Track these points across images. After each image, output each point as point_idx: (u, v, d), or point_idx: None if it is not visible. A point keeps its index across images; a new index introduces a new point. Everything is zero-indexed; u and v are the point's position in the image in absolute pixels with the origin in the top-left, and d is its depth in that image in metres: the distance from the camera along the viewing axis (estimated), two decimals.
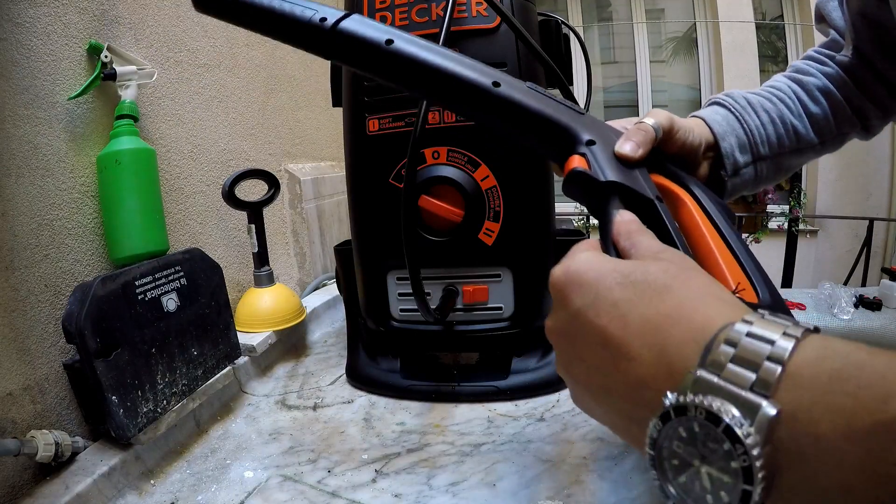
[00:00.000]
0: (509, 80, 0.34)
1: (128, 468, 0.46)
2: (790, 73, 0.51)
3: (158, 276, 0.51)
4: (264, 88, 0.86)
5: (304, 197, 0.93)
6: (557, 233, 0.60)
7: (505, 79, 0.34)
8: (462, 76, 0.33)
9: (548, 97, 0.34)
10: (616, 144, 0.33)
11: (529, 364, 0.60)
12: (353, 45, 0.34)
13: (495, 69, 0.35)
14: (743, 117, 0.46)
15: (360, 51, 0.34)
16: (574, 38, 0.65)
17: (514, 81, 0.34)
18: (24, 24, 0.46)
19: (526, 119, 0.33)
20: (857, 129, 0.49)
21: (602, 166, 0.32)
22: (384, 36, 0.33)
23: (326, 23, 0.34)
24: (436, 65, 0.33)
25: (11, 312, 0.43)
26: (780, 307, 0.30)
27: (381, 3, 0.53)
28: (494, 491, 0.43)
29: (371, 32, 0.34)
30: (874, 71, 0.46)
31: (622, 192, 0.31)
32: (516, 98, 0.33)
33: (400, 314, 0.58)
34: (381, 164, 0.54)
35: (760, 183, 0.48)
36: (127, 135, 0.52)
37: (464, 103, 0.35)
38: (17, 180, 0.45)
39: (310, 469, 0.48)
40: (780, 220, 3.09)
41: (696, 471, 0.17)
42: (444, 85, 0.34)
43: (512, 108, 0.33)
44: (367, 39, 0.34)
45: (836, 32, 0.49)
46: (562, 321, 0.24)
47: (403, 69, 0.34)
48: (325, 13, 0.34)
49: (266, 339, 0.66)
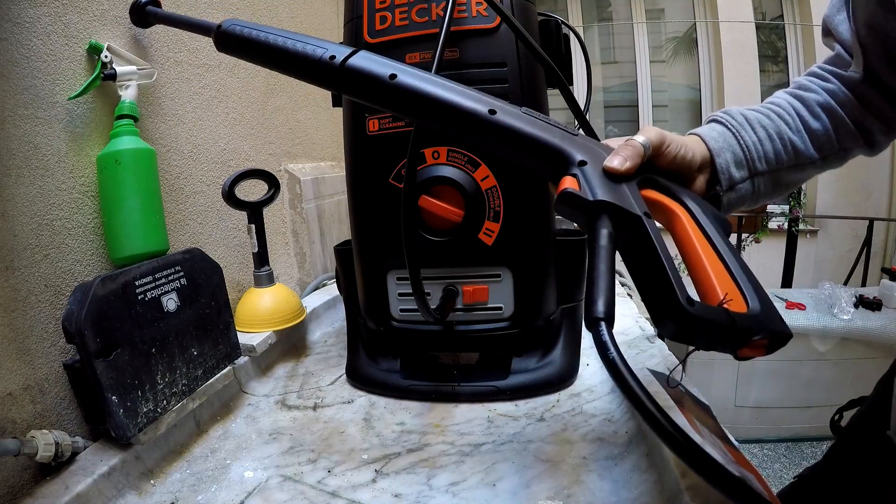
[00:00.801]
0: (505, 107, 0.36)
1: (128, 468, 0.46)
2: (791, 89, 0.50)
3: (158, 276, 0.51)
4: (264, 88, 0.86)
5: (304, 197, 0.93)
6: (557, 233, 0.60)
7: (500, 106, 0.36)
8: (460, 106, 0.36)
9: (542, 121, 0.36)
10: (605, 160, 0.35)
11: (529, 364, 0.60)
12: (360, 80, 0.37)
13: (492, 97, 0.37)
14: (739, 133, 0.46)
15: (367, 85, 0.37)
16: (574, 38, 0.65)
17: (509, 108, 0.36)
18: (24, 24, 0.46)
19: (521, 143, 0.36)
20: (861, 144, 0.48)
21: (592, 186, 0.33)
22: (388, 71, 0.36)
23: (335, 60, 0.37)
24: (435, 96, 0.36)
25: (11, 312, 0.43)
26: (770, 314, 0.31)
27: (381, 3, 0.53)
28: (494, 491, 0.43)
29: (376, 68, 0.37)
30: (880, 86, 0.45)
31: (610, 210, 0.32)
32: (511, 124, 0.35)
33: (400, 314, 0.58)
34: (381, 164, 0.54)
35: (760, 198, 0.48)
36: (127, 135, 0.52)
37: (462, 130, 0.37)
38: (17, 180, 0.45)
39: (310, 469, 0.48)
40: (780, 220, 3.10)
41: None
42: (444, 114, 0.36)
43: (507, 134, 0.35)
44: (373, 74, 0.37)
45: (843, 47, 0.48)
46: None
47: (406, 101, 0.37)
48: (334, 51, 0.37)
49: (266, 339, 0.66)
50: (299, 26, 1.00)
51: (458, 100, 0.36)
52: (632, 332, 0.65)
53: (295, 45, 0.39)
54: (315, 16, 1.07)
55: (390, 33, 0.52)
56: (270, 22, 0.89)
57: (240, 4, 0.80)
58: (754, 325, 0.30)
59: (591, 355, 0.68)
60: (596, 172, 0.34)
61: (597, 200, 0.32)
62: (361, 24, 0.53)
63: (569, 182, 0.34)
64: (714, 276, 0.33)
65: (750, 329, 0.30)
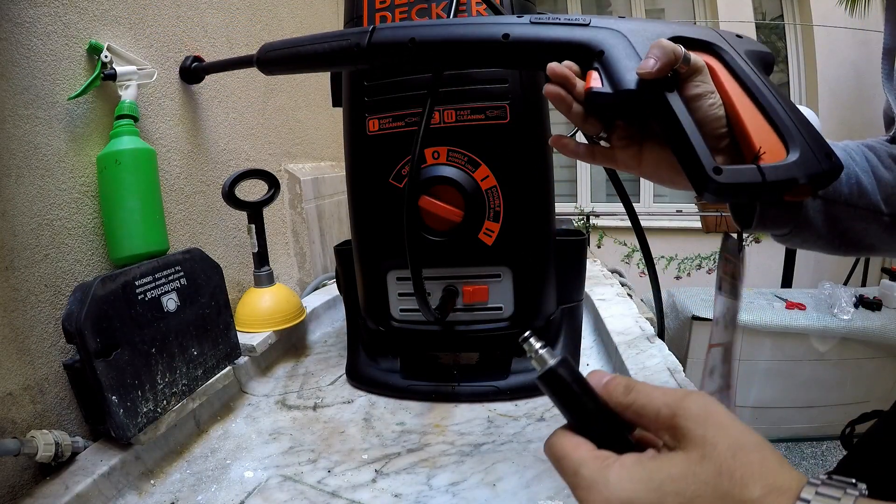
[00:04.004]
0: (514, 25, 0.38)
1: (128, 468, 0.46)
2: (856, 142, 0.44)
3: (158, 276, 0.51)
4: (264, 88, 0.86)
5: (304, 197, 0.93)
6: (557, 233, 0.60)
7: (510, 25, 0.38)
8: (474, 40, 0.38)
9: (551, 23, 0.37)
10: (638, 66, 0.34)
11: (529, 364, 0.60)
12: (387, 51, 0.41)
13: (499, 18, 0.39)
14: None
15: (393, 54, 0.41)
16: None
17: (518, 21, 0.38)
18: (24, 24, 0.46)
19: (539, 53, 0.37)
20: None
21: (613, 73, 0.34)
22: (407, 35, 0.40)
23: (361, 44, 0.41)
24: (451, 39, 0.39)
25: (11, 312, 0.43)
26: (808, 156, 0.31)
27: (381, 3, 0.53)
28: (494, 491, 0.43)
29: (397, 34, 0.40)
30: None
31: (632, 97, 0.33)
32: (526, 38, 0.37)
33: (400, 314, 0.58)
34: (381, 163, 0.54)
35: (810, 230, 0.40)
36: (127, 135, 0.52)
37: (484, 63, 0.41)
38: (17, 180, 0.45)
39: (310, 469, 0.48)
40: None
41: None
42: (463, 54, 0.40)
43: (525, 49, 0.37)
44: (395, 42, 0.40)
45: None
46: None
47: (429, 54, 0.40)
48: (355, 39, 0.42)
49: (266, 339, 0.66)
50: (300, 26, 1.00)
51: (472, 36, 0.38)
52: (632, 332, 0.65)
53: (323, 47, 0.43)
54: (315, 16, 1.07)
55: None
56: (270, 22, 0.89)
57: (240, 4, 0.80)
58: (791, 174, 0.31)
59: (591, 355, 0.68)
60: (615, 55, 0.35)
61: (617, 92, 0.33)
62: (361, 24, 0.53)
63: (592, 80, 0.35)
64: (750, 128, 0.33)
65: (785, 181, 0.30)
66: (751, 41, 0.38)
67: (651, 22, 0.37)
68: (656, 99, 0.33)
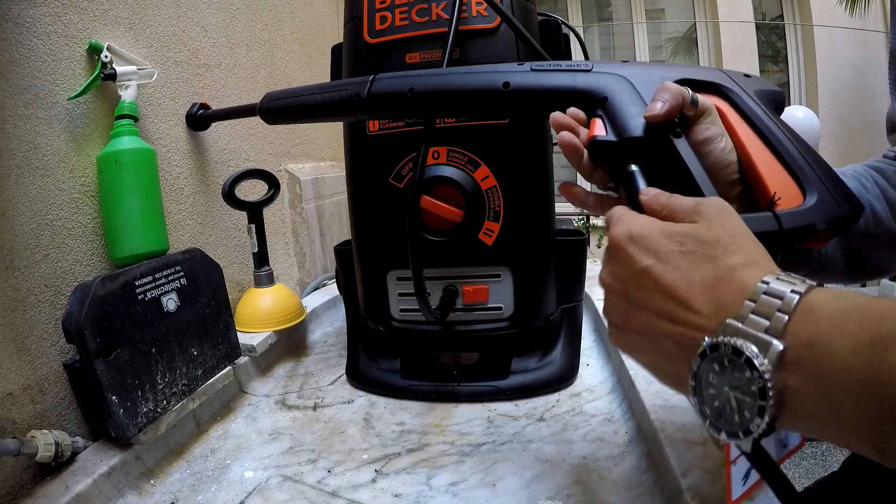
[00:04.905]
0: (515, 73, 0.37)
1: (128, 468, 0.46)
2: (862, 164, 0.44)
3: (158, 276, 0.51)
4: (264, 88, 0.86)
5: (304, 197, 0.93)
6: (557, 233, 0.60)
7: (511, 73, 0.37)
8: (475, 90, 0.38)
9: (552, 70, 0.37)
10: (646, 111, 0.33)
11: (529, 364, 0.60)
12: (386, 102, 0.41)
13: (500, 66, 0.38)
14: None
15: (393, 104, 0.41)
16: (574, 38, 0.65)
17: (519, 69, 0.37)
18: (24, 24, 0.46)
19: (541, 100, 0.37)
20: None
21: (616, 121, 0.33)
22: (406, 85, 0.40)
23: (361, 96, 0.41)
24: (451, 90, 0.39)
25: (11, 312, 0.43)
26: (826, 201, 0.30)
27: (381, 3, 0.53)
28: (494, 491, 0.43)
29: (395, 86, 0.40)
30: None
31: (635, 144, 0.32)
32: (526, 87, 0.37)
33: (400, 314, 0.58)
34: (381, 163, 0.54)
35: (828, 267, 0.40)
36: (127, 135, 0.52)
37: (485, 110, 0.42)
38: (17, 180, 0.45)
39: (310, 469, 0.48)
40: None
41: (727, 396, 0.23)
42: (464, 103, 0.39)
43: (527, 97, 0.37)
44: (394, 93, 0.40)
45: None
46: (626, 275, 0.28)
47: (429, 103, 0.40)
48: (354, 89, 0.42)
49: (266, 339, 0.66)
50: (300, 26, 1.00)
51: (472, 86, 0.38)
52: None
53: (323, 98, 0.44)
54: (315, 16, 1.07)
55: (390, 33, 0.52)
56: (270, 22, 0.89)
57: (240, 4, 0.80)
58: (809, 220, 0.29)
59: (591, 355, 0.67)
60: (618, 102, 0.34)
61: (622, 140, 0.32)
62: (361, 24, 0.53)
63: (596, 128, 0.34)
64: (764, 172, 0.31)
65: (803, 227, 0.29)
66: (760, 80, 0.37)
67: (655, 66, 0.36)
68: (663, 146, 0.32)
